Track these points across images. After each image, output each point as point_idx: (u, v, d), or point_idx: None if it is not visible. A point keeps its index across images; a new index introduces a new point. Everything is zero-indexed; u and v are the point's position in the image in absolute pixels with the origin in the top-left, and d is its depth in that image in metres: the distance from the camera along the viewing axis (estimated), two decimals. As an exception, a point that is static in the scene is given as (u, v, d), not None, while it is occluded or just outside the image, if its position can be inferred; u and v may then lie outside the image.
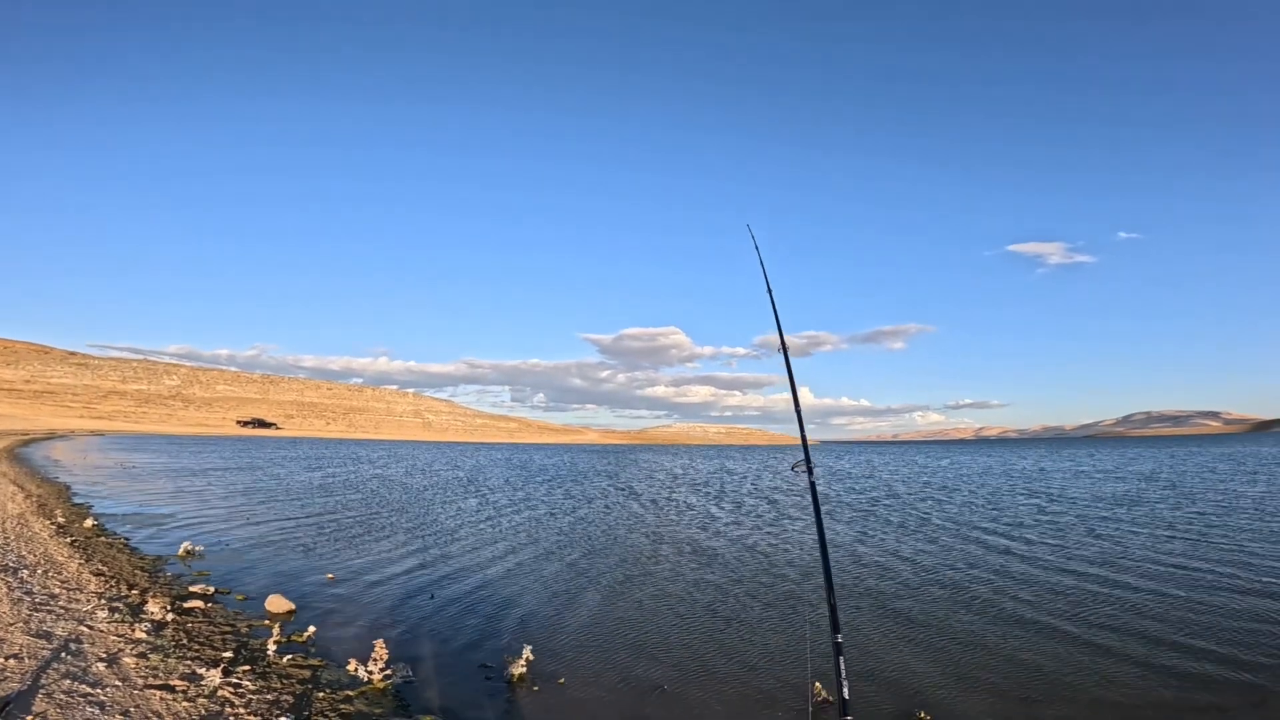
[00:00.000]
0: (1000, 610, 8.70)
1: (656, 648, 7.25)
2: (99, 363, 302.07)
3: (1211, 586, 9.85)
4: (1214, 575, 10.59)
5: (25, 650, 5.74)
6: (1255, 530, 14.98)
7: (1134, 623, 8.09)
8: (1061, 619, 8.27)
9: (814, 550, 13.05)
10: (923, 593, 9.67)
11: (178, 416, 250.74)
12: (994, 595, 9.48)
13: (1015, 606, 8.87)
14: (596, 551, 13.00)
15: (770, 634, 7.74)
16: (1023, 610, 8.68)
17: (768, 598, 9.42)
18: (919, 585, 10.14)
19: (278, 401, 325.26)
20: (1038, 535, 14.81)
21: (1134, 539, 14.14)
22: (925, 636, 7.61)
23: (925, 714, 5.46)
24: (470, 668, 6.48)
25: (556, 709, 5.63)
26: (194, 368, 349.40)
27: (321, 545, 13.01)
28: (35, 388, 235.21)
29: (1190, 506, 19.76)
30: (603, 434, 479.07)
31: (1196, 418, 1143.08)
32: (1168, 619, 8.23)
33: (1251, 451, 70.87)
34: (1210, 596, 9.27)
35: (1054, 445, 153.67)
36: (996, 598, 9.33)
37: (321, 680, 5.84)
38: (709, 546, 13.65)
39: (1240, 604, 8.85)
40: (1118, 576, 10.56)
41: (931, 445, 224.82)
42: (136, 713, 4.72)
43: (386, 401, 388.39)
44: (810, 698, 5.72)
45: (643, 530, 16.07)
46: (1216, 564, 11.42)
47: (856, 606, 8.87)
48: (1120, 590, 9.68)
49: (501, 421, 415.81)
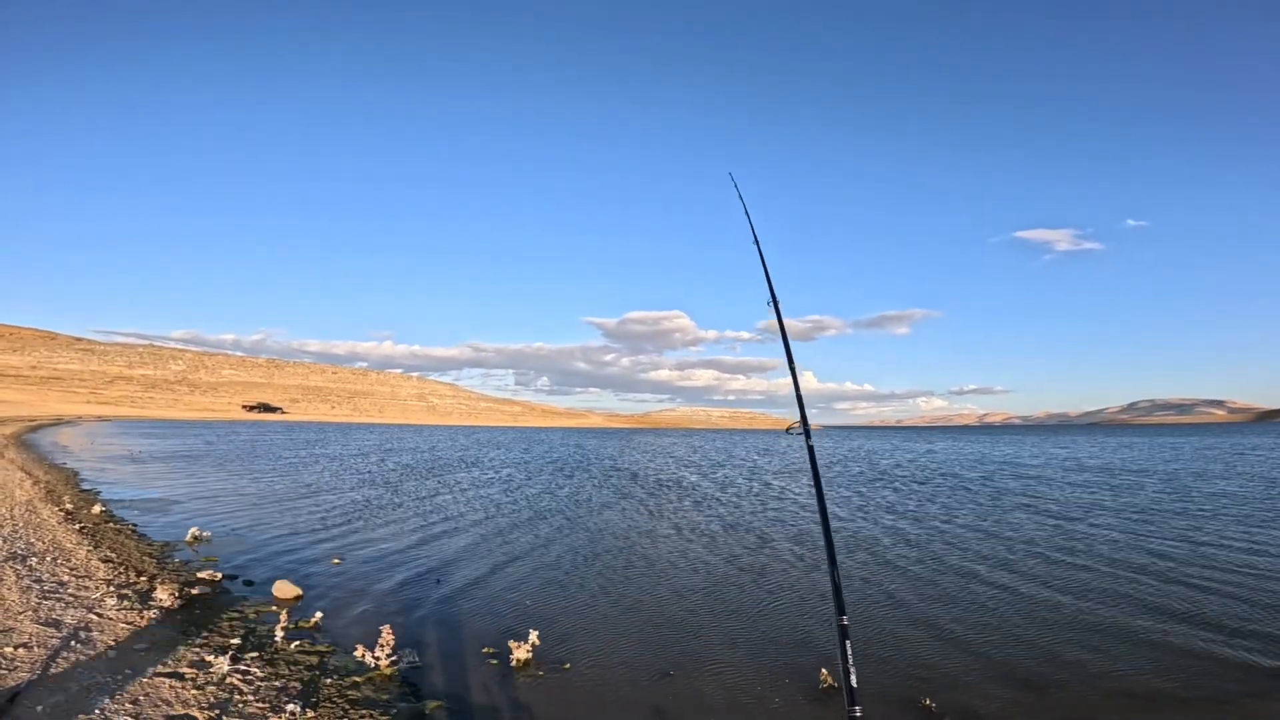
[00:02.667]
0: (1002, 595, 8.71)
1: (662, 632, 7.27)
2: (105, 348, 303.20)
3: (1221, 575, 9.85)
4: (1223, 563, 10.59)
5: (35, 639, 5.77)
6: (1259, 518, 14.96)
7: (1142, 608, 8.09)
8: (1066, 601, 8.28)
9: (816, 533, 13.07)
10: (918, 573, 9.68)
11: (183, 401, 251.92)
12: (990, 578, 9.49)
13: (1015, 593, 8.88)
14: (601, 536, 13.04)
15: (776, 617, 7.75)
16: (1026, 595, 8.69)
17: (773, 581, 9.43)
18: (906, 565, 10.15)
19: (283, 386, 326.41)
20: (1038, 532, 14.82)
21: (1138, 527, 14.14)
22: (928, 619, 7.62)
23: (931, 701, 5.47)
24: (476, 652, 6.50)
25: (563, 693, 5.65)
26: (199, 353, 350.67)
27: (327, 529, 13.08)
28: (42, 374, 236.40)
29: (1194, 500, 19.73)
30: (606, 417, 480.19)
31: (1201, 406, 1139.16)
32: (1176, 604, 8.23)
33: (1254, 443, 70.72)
34: (1220, 584, 9.28)
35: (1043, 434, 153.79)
36: (992, 581, 9.35)
37: (329, 666, 5.87)
38: (713, 530, 13.69)
39: (1251, 590, 8.86)
40: (1122, 560, 10.57)
41: (932, 431, 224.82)
42: (146, 701, 4.74)
43: (391, 385, 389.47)
44: (818, 684, 5.75)
45: (647, 514, 16.11)
46: (1226, 551, 11.43)
47: (859, 594, 8.88)
48: (1128, 574, 9.69)
49: (505, 405, 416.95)
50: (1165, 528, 13.60)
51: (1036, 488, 22.33)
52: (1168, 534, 12.90)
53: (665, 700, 5.57)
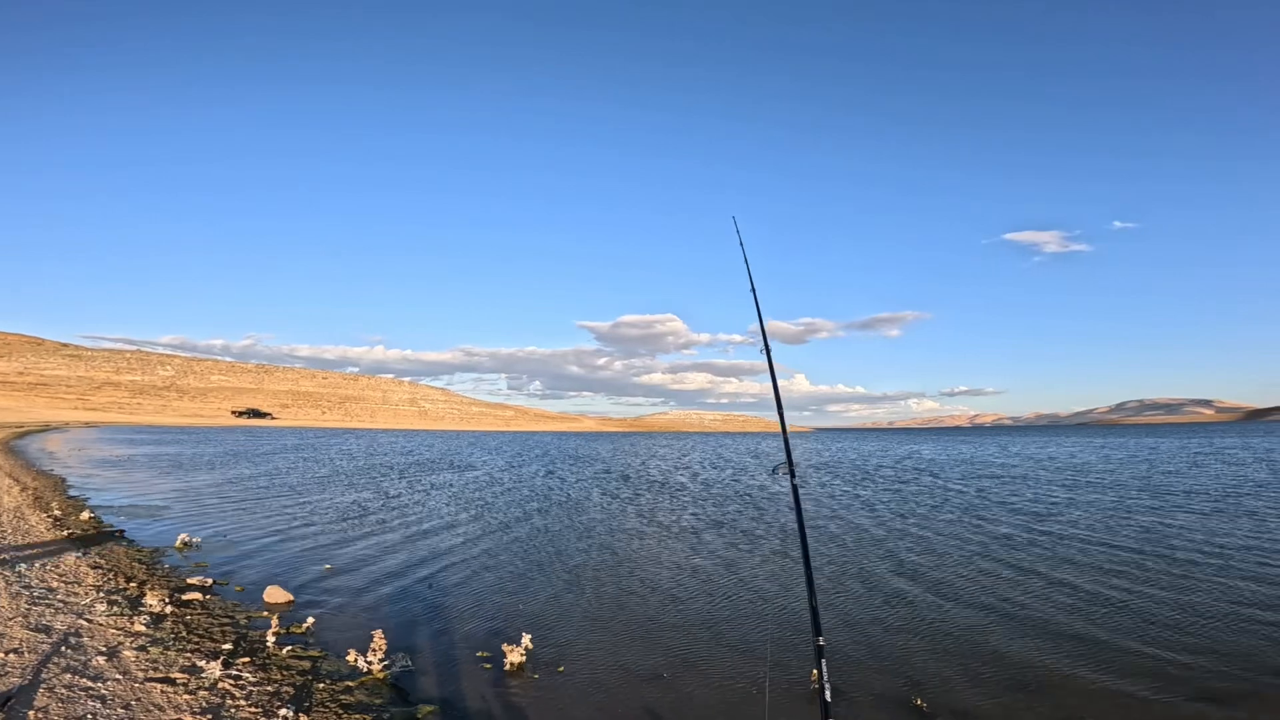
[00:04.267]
0: (989, 597, 8.80)
1: (654, 634, 7.30)
2: (92, 354, 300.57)
3: (1210, 577, 9.98)
4: (1215, 565, 10.73)
5: (25, 644, 5.75)
6: (1255, 516, 15.14)
7: (1126, 611, 8.19)
8: (1054, 607, 8.37)
9: (812, 538, 13.12)
10: (899, 574, 9.76)
11: (172, 407, 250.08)
12: (978, 580, 9.58)
13: (1004, 594, 8.97)
14: (593, 538, 13.06)
15: (766, 619, 7.79)
16: (1012, 598, 8.78)
17: (762, 583, 9.48)
18: (898, 568, 10.23)
19: (273, 391, 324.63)
20: (1021, 529, 14.95)
21: (1124, 529, 14.29)
22: (915, 621, 7.69)
23: (921, 700, 5.53)
24: (469, 656, 6.52)
25: (556, 696, 5.67)
26: (188, 358, 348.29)
27: (318, 535, 13.04)
28: (29, 380, 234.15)
29: (1184, 498, 19.94)
30: (600, 421, 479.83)
31: (1189, 406, 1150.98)
32: (1160, 607, 8.34)
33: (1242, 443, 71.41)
34: (1209, 585, 9.40)
35: (1030, 434, 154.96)
36: (980, 583, 9.44)
37: (321, 671, 5.88)
38: (702, 532, 13.73)
39: (1240, 590, 8.99)
40: (1106, 562, 10.69)
41: (920, 433, 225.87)
42: (138, 706, 4.73)
43: (382, 390, 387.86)
44: (808, 684, 5.80)
45: (637, 517, 16.14)
46: (1219, 551, 11.57)
47: (844, 594, 8.94)
48: (1112, 578, 9.80)
49: (498, 409, 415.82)
50: (1135, 525, 13.75)
51: (1014, 486, 22.50)
52: (1137, 531, 13.05)
53: (658, 702, 5.61)
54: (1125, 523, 14.55)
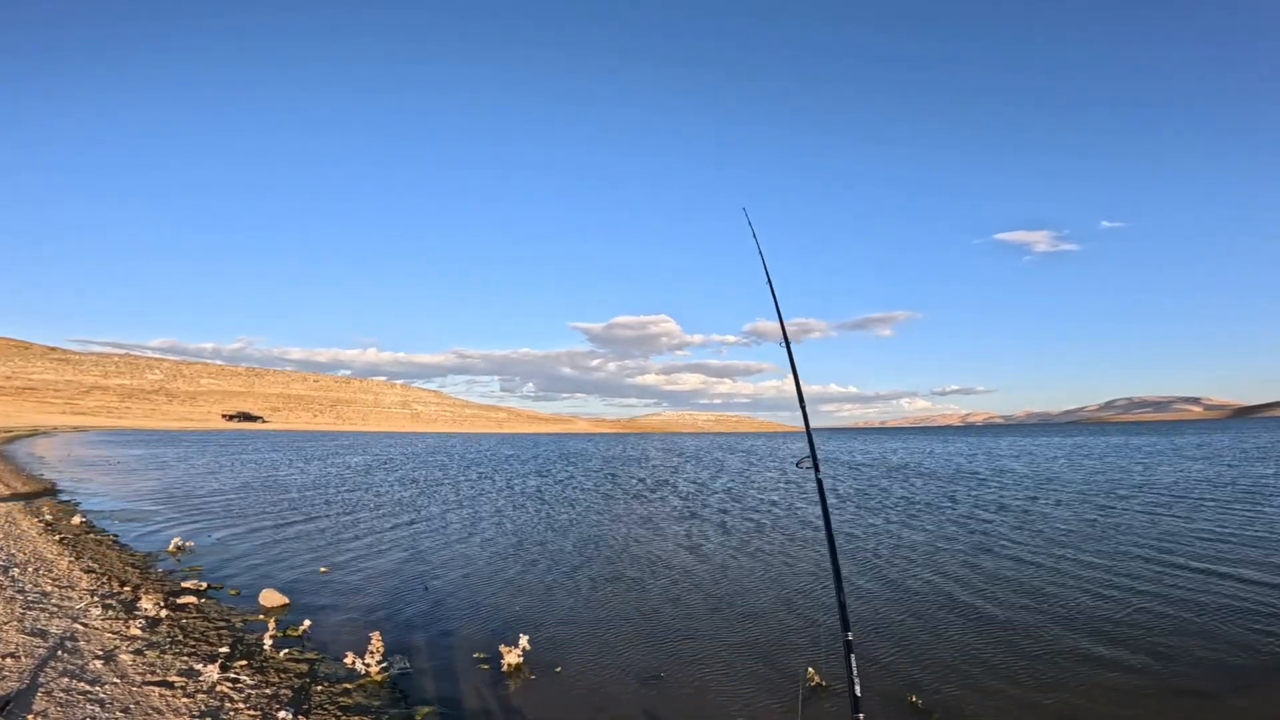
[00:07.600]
0: (995, 603, 8.89)
1: (653, 635, 7.34)
2: (80, 358, 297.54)
3: (1221, 576, 10.10)
4: (1224, 564, 10.86)
5: (21, 649, 5.73)
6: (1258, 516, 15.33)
7: (1137, 614, 8.27)
8: (1054, 607, 8.46)
9: (800, 535, 13.20)
10: (915, 580, 9.84)
11: (162, 411, 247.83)
12: (983, 586, 9.67)
13: (1009, 599, 9.06)
14: (588, 539, 13.08)
15: (763, 619, 7.85)
16: (1017, 602, 8.87)
17: (759, 583, 9.53)
18: (914, 571, 10.31)
19: (263, 394, 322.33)
20: (1022, 525, 15.08)
21: (1127, 532, 14.44)
22: (915, 621, 7.76)
23: (915, 698, 5.59)
24: (467, 657, 6.54)
25: (554, 696, 5.71)
26: (178, 361, 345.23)
27: (313, 538, 13.00)
28: (16, 384, 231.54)
29: (1190, 500, 20.14)
30: (593, 423, 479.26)
31: (1178, 403, 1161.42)
32: (1171, 608, 8.43)
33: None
34: (1219, 585, 9.52)
35: (1021, 432, 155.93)
36: (985, 589, 9.53)
37: (319, 674, 5.89)
38: (698, 532, 13.77)
39: (1251, 590, 9.10)
40: (1115, 567, 10.80)
41: (913, 432, 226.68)
42: (137, 709, 4.74)
43: (374, 393, 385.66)
44: (802, 682, 5.85)
45: (635, 518, 16.16)
46: (1228, 551, 11.71)
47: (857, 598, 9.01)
48: (1125, 580, 9.90)
49: (490, 411, 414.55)
50: (1133, 518, 13.90)
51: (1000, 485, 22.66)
52: (1137, 527, 13.20)
53: (656, 702, 5.65)
54: (1157, 531, 14.71)
